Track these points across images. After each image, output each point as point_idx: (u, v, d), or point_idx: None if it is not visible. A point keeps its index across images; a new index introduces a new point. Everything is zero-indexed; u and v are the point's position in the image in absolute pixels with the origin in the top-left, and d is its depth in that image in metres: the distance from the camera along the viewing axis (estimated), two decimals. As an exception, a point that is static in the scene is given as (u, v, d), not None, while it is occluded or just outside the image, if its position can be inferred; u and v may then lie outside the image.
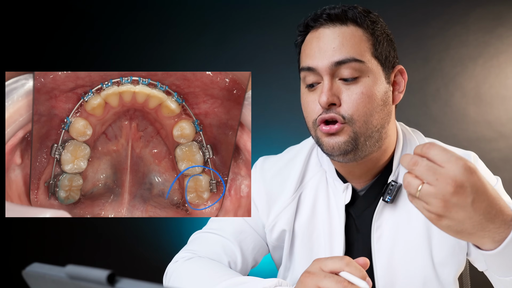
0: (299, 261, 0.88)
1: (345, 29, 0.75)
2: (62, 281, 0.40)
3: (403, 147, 0.84)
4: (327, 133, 0.76)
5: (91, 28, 2.52)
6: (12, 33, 2.56)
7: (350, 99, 0.74)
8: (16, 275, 0.77)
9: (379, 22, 0.79)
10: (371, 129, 0.76)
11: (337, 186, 0.85)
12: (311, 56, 0.76)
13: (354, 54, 0.74)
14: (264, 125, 2.20)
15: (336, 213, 0.84)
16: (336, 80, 0.75)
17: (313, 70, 0.76)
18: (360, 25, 0.76)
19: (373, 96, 0.75)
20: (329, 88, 0.74)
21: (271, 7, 2.31)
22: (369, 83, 0.74)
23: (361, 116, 0.74)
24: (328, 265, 0.62)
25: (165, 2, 2.45)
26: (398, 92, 0.81)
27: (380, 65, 0.77)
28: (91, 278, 0.37)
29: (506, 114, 2.08)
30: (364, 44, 0.75)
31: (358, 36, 0.75)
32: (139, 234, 2.43)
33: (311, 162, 0.90)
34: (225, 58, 2.37)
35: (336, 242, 0.83)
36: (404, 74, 0.82)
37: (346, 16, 0.76)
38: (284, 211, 0.88)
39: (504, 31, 2.06)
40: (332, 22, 0.76)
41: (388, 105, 0.78)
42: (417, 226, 0.80)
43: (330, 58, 0.74)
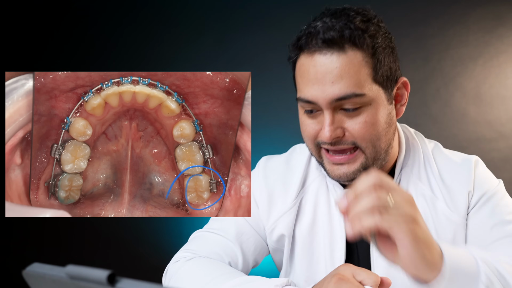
0: (300, 266, 0.87)
1: (343, 57, 0.69)
2: (62, 281, 0.40)
3: (406, 154, 0.84)
4: (338, 162, 0.74)
5: (91, 28, 2.52)
6: (12, 33, 2.56)
7: (354, 128, 0.72)
8: (16, 275, 0.77)
9: (379, 33, 0.72)
10: (379, 152, 0.75)
11: (337, 192, 0.84)
12: (309, 87, 0.72)
13: (354, 89, 0.69)
14: (264, 125, 2.20)
15: (337, 220, 0.83)
16: (337, 111, 0.72)
17: (313, 103, 0.73)
18: (359, 48, 0.70)
19: (377, 123, 0.73)
20: (331, 122, 0.71)
21: (271, 7, 2.31)
22: (371, 111, 0.72)
23: (368, 142, 0.73)
24: (361, 276, 0.63)
25: (165, 2, 2.45)
26: (401, 105, 0.79)
27: (382, 88, 0.73)
28: (91, 278, 0.37)
29: (506, 114, 2.08)
30: (364, 70, 0.70)
31: (357, 63, 0.70)
32: (139, 234, 2.43)
33: (311, 166, 0.89)
34: (225, 58, 2.37)
35: (337, 248, 0.83)
36: (407, 86, 0.79)
37: (342, 38, 0.69)
38: (284, 216, 0.88)
39: (504, 31, 2.06)
40: (328, 47, 0.69)
41: (393, 124, 0.77)
42: None
43: (329, 94, 0.70)
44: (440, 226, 0.80)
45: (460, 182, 0.81)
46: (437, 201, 0.80)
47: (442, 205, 0.80)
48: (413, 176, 0.82)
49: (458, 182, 0.81)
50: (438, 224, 0.80)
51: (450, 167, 0.83)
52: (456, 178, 0.81)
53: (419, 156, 0.84)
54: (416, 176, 0.82)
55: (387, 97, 0.74)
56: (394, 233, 0.54)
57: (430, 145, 0.87)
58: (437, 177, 0.81)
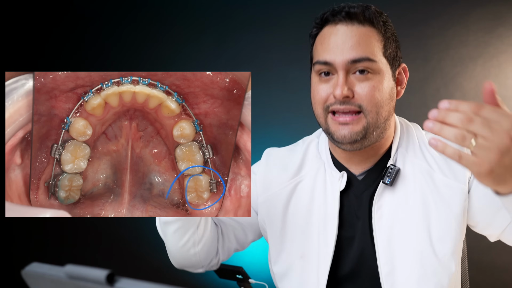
0: (292, 244, 0.91)
1: (361, 29, 0.82)
2: (62, 281, 0.40)
3: (401, 137, 0.91)
4: (342, 122, 0.82)
5: (91, 28, 2.52)
6: (12, 33, 2.56)
7: (363, 91, 0.81)
8: (16, 275, 0.77)
9: (389, 23, 0.86)
10: (380, 120, 0.83)
11: (333, 175, 0.90)
12: (328, 50, 0.82)
13: (368, 54, 0.81)
14: (264, 125, 2.20)
15: (331, 199, 0.89)
16: (350, 75, 0.81)
17: (329, 64, 0.82)
18: (375, 26, 0.83)
19: (382, 90, 0.82)
20: (344, 82, 0.80)
21: (271, 7, 2.30)
22: (379, 79, 0.82)
23: (373, 107, 0.81)
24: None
25: (165, 2, 2.45)
26: (401, 88, 0.89)
27: (389, 64, 0.84)
28: (90, 277, 0.37)
29: (506, 114, 2.08)
30: (377, 44, 0.82)
31: (372, 36, 0.82)
32: (139, 234, 2.43)
33: (310, 156, 0.95)
34: (225, 58, 2.37)
35: (330, 225, 0.88)
36: (406, 72, 0.90)
37: (364, 16, 0.82)
38: (279, 193, 0.93)
39: (504, 31, 2.05)
40: (351, 20, 0.81)
41: (393, 99, 0.87)
42: (415, 206, 0.85)
43: (347, 55, 0.80)
44: (439, 198, 0.84)
45: None
46: (434, 173, 0.86)
47: (439, 175, 0.86)
48: (408, 155, 0.89)
49: None
50: (437, 196, 0.85)
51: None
52: None
53: (413, 138, 0.91)
54: (411, 154, 0.89)
55: (392, 74, 0.85)
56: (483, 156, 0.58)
57: (427, 135, 0.92)
58: (432, 151, 0.88)
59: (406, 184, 0.86)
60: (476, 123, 0.57)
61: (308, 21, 0.91)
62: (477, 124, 0.57)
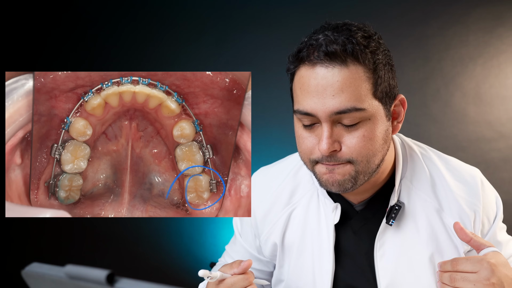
0: (289, 276, 0.88)
1: (345, 71, 0.69)
2: (61, 281, 0.40)
3: (404, 164, 0.83)
4: (330, 171, 0.74)
5: (91, 28, 2.52)
6: (12, 33, 2.56)
7: (351, 143, 0.71)
8: (16, 275, 0.77)
9: (379, 49, 0.72)
10: (372, 167, 0.75)
11: (327, 204, 0.84)
12: (308, 99, 0.71)
13: (354, 103, 0.69)
14: (264, 125, 2.20)
15: (326, 233, 0.83)
16: (336, 125, 0.72)
17: (311, 115, 0.72)
18: (360, 63, 0.69)
19: (374, 138, 0.72)
20: (329, 135, 0.71)
21: (271, 7, 2.30)
22: (370, 126, 0.72)
23: (364, 157, 0.73)
24: None
25: (165, 2, 2.45)
26: (397, 122, 0.79)
27: (381, 104, 0.73)
28: (90, 278, 0.37)
29: (506, 114, 2.08)
30: (365, 86, 0.70)
31: (358, 78, 0.69)
32: (139, 234, 2.43)
33: (303, 180, 0.89)
34: (225, 58, 2.37)
35: (325, 261, 0.83)
36: (404, 104, 0.79)
37: (345, 53, 0.68)
38: (275, 225, 0.89)
39: (504, 31, 2.05)
40: (331, 60, 0.69)
41: (388, 140, 0.77)
42: (420, 245, 0.80)
43: (329, 107, 0.69)
44: (447, 238, 0.80)
45: (467, 199, 0.81)
46: (443, 213, 0.80)
47: (447, 217, 0.80)
48: (414, 187, 0.82)
49: (465, 199, 0.81)
50: (446, 236, 0.81)
51: (460, 181, 0.83)
52: (465, 195, 0.82)
53: (419, 167, 0.83)
54: (417, 187, 0.82)
55: (386, 113, 0.74)
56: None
57: (434, 155, 0.86)
58: (447, 189, 0.81)
59: (411, 222, 0.80)
60: (458, 280, 0.68)
61: (308, 21, 0.90)
62: (459, 281, 0.68)
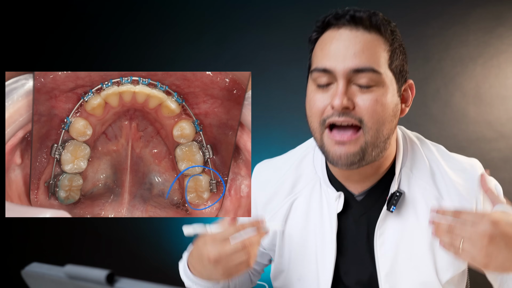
0: (289, 265, 0.88)
1: (367, 35, 0.73)
2: (61, 281, 0.40)
3: (404, 154, 0.84)
4: (339, 141, 0.74)
5: (91, 28, 2.52)
6: (12, 33, 2.56)
7: (364, 104, 0.73)
8: (16, 275, 0.77)
9: (397, 33, 0.78)
10: (380, 138, 0.75)
11: (330, 194, 0.84)
12: (328, 56, 0.73)
13: (373, 64, 0.72)
14: (264, 125, 2.20)
15: (328, 221, 0.83)
16: (351, 85, 0.73)
17: (329, 72, 0.73)
18: (382, 34, 0.74)
19: (386, 106, 0.74)
20: (344, 91, 0.72)
21: (271, 7, 2.30)
22: (383, 93, 0.73)
23: (374, 124, 0.73)
24: None
25: (165, 2, 2.45)
26: (405, 106, 0.81)
27: (394, 77, 0.76)
28: (90, 278, 0.37)
29: (506, 114, 2.08)
30: (383, 54, 0.74)
31: (378, 45, 0.73)
32: (139, 234, 2.43)
33: (305, 170, 0.89)
34: (225, 58, 2.37)
35: (327, 249, 0.83)
36: (413, 89, 0.82)
37: (370, 21, 0.73)
38: (276, 214, 0.89)
39: (504, 31, 2.05)
40: (356, 24, 0.73)
41: (396, 117, 0.78)
42: (421, 233, 0.80)
43: (349, 63, 0.72)
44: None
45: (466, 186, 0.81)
46: (443, 200, 0.80)
47: (448, 204, 0.80)
48: (414, 176, 0.82)
49: (464, 186, 0.81)
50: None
51: (458, 169, 0.83)
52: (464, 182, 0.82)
53: (420, 157, 0.84)
54: (417, 176, 0.82)
55: (397, 89, 0.77)
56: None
57: (434, 147, 0.87)
58: (446, 178, 0.82)
59: (411, 210, 0.81)
60: (456, 228, 0.69)
61: (308, 21, 0.89)
62: (456, 230, 0.69)
